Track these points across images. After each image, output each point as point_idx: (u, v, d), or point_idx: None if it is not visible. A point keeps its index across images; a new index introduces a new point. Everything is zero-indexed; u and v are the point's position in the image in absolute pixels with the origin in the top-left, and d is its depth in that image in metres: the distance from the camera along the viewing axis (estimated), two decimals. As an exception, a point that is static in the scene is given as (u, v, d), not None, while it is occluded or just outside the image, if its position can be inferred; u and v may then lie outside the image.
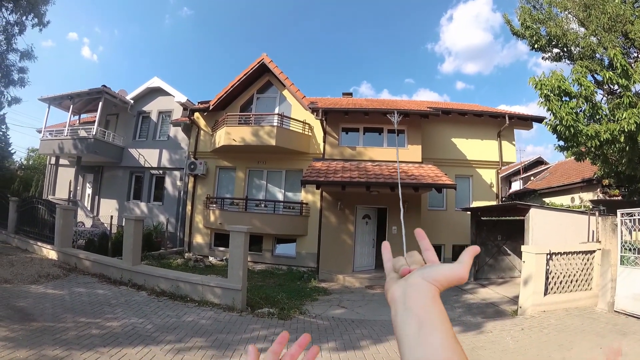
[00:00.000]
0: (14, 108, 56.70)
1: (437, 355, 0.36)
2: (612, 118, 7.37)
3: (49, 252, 8.89)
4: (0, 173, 25.23)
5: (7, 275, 6.79)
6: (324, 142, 11.33)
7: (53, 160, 15.93)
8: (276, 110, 11.98)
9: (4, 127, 26.45)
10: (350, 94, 15.68)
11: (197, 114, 12.71)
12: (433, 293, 0.41)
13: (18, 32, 13.68)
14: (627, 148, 7.40)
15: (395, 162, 10.40)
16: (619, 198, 12.44)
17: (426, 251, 0.48)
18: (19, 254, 8.98)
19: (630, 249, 6.10)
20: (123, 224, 7.89)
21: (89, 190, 16.05)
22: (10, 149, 27.68)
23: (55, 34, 75.71)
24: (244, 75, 11.88)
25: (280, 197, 11.96)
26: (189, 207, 12.58)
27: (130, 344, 4.30)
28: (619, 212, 6.37)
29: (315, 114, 11.02)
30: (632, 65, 7.58)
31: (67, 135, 14.23)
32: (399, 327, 0.40)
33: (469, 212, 10.79)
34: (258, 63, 11.86)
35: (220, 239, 11.87)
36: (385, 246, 0.55)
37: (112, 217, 11.64)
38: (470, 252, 0.44)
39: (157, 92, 14.40)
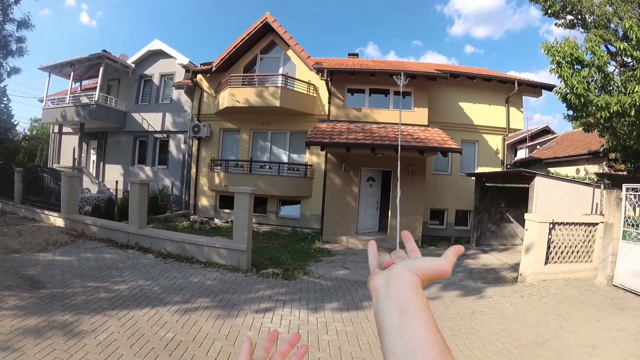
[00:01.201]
0: (15, 79, 56.18)
1: (419, 343, 0.36)
2: (623, 90, 7.24)
3: (56, 220, 8.98)
4: (5, 145, 25.32)
5: (15, 245, 6.88)
6: (329, 103, 11.16)
7: (56, 129, 15.87)
8: (280, 71, 11.73)
9: (6, 99, 26.29)
10: (357, 55, 15.28)
11: (199, 76, 12.49)
12: (416, 282, 0.41)
13: (14, 2, 13.31)
14: (637, 122, 7.28)
15: (402, 124, 10.29)
16: (624, 173, 12.33)
17: (412, 252, 0.49)
18: (26, 223, 9.09)
19: (633, 225, 6.03)
20: (128, 189, 7.92)
21: (93, 157, 16.11)
22: (13, 120, 27.63)
23: (52, 1, 73.66)
24: (247, 35, 11.55)
25: (284, 158, 11.93)
26: (193, 170, 12.60)
27: (138, 306, 4.38)
28: (624, 186, 6.26)
29: (320, 74, 10.78)
30: None
31: (69, 102, 14.15)
32: (379, 315, 0.40)
33: (473, 178, 10.75)
34: (261, 22, 11.49)
35: (226, 201, 11.96)
36: (371, 244, 0.55)
37: (117, 182, 11.68)
38: (455, 250, 0.45)
39: (158, 55, 14.10)
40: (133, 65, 14.41)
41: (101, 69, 13.71)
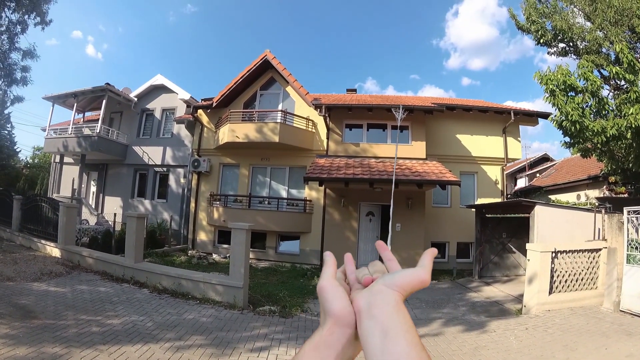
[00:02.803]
0: (20, 107, 57.16)
1: None
2: (618, 114, 7.28)
3: (52, 250, 8.91)
4: (6, 172, 25.44)
5: (10, 272, 6.82)
6: (328, 138, 11.30)
7: (58, 159, 15.99)
8: (279, 107, 11.94)
9: (9, 126, 26.66)
10: (355, 90, 15.59)
11: (200, 111, 12.70)
12: (397, 300, 0.40)
13: (20, 31, 13.76)
14: (634, 144, 7.31)
15: (399, 158, 10.36)
16: (625, 195, 12.30)
17: (389, 261, 0.48)
18: (22, 251, 9.02)
19: (636, 248, 6.00)
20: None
21: (93, 188, 16.14)
22: (15, 147, 27.88)
23: (59, 32, 76.43)
24: (247, 71, 11.85)
25: (283, 194, 11.94)
26: (192, 205, 12.60)
27: (130, 341, 4.30)
28: (625, 209, 6.26)
29: (318, 110, 10.98)
30: (639, 60, 7.47)
31: (71, 133, 14.31)
32: (363, 337, 0.39)
33: (473, 209, 10.70)
34: (261, 59, 11.82)
35: (224, 236, 11.87)
36: (348, 258, 0.53)
37: (115, 214, 11.60)
38: (430, 255, 0.45)
39: (160, 89, 14.43)
40: (135, 99, 14.70)
41: (104, 101, 13.95)
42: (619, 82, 8.23)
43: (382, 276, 0.44)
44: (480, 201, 11.49)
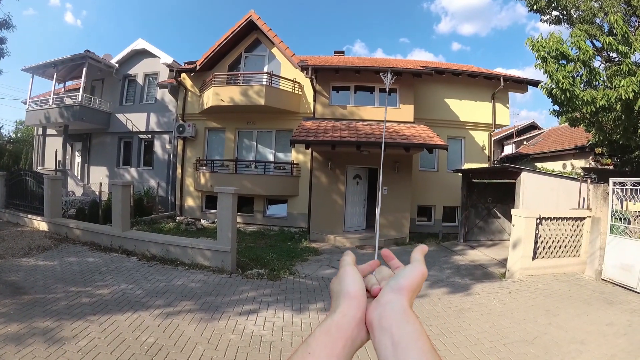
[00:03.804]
0: (-1, 82, 54.95)
1: None
2: (609, 85, 7.25)
3: (40, 224, 8.80)
4: (-10, 148, 24.74)
5: None
6: (315, 101, 11.10)
7: (40, 131, 15.60)
8: (265, 69, 11.61)
9: (-11, 101, 25.74)
10: (343, 53, 15.18)
11: (183, 75, 12.33)
12: (404, 308, 0.41)
13: None
14: (623, 116, 7.32)
15: (387, 121, 10.27)
16: (611, 167, 12.49)
17: (397, 269, 0.50)
18: (9, 228, 8.87)
19: (620, 219, 6.09)
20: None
21: (78, 159, 15.82)
22: (-3, 122, 27.05)
23: (36, 1, 72.30)
24: (231, 33, 11.42)
25: (270, 157, 11.83)
26: (179, 171, 12.44)
27: (120, 310, 4.32)
28: (611, 180, 6.31)
29: (305, 72, 10.71)
30: (633, 33, 7.36)
31: (52, 104, 13.91)
32: (377, 350, 0.40)
33: (460, 174, 10.78)
34: (246, 20, 11.37)
35: (212, 201, 11.81)
36: (372, 264, 0.55)
37: (101, 184, 11.45)
38: (420, 251, 0.49)
39: (142, 54, 13.89)
40: (117, 65, 14.17)
41: (84, 69, 13.47)
42: (611, 53, 8.16)
43: (388, 282, 0.45)
44: (467, 166, 11.56)
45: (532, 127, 22.80)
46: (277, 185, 11.23)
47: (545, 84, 7.61)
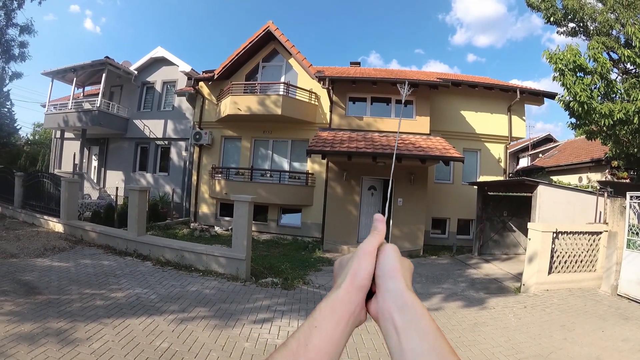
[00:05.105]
0: (19, 83, 56.82)
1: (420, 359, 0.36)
2: (627, 98, 7.17)
3: (55, 225, 8.92)
4: (7, 149, 25.36)
5: (13, 249, 6.82)
6: (331, 111, 11.16)
7: (58, 134, 15.93)
8: (282, 79, 11.75)
9: (9, 104, 26.40)
10: (359, 64, 15.30)
11: (201, 84, 12.53)
12: (402, 290, 0.42)
13: (17, 6, 13.46)
14: None
15: (403, 133, 10.26)
16: (627, 181, 12.24)
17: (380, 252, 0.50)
18: (25, 228, 9.02)
19: (637, 233, 5.97)
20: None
21: (95, 163, 16.12)
22: (15, 124, 27.70)
23: (56, 7, 74.51)
24: (249, 43, 11.61)
25: (286, 167, 11.90)
26: (194, 177, 12.58)
27: (134, 314, 4.32)
28: (628, 194, 6.21)
29: (322, 82, 10.80)
30: None
31: (71, 108, 14.21)
32: (385, 338, 0.41)
33: (475, 187, 10.67)
34: (264, 31, 11.56)
35: (226, 208, 11.90)
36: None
37: (117, 188, 11.63)
38: (379, 220, 0.51)
39: (161, 62, 14.20)
40: (135, 72, 14.49)
41: (104, 75, 13.78)
42: (628, 65, 8.10)
43: (381, 272, 0.45)
44: (482, 179, 11.46)
45: (548, 139, 22.55)
46: (292, 195, 11.26)
47: (563, 96, 7.56)
